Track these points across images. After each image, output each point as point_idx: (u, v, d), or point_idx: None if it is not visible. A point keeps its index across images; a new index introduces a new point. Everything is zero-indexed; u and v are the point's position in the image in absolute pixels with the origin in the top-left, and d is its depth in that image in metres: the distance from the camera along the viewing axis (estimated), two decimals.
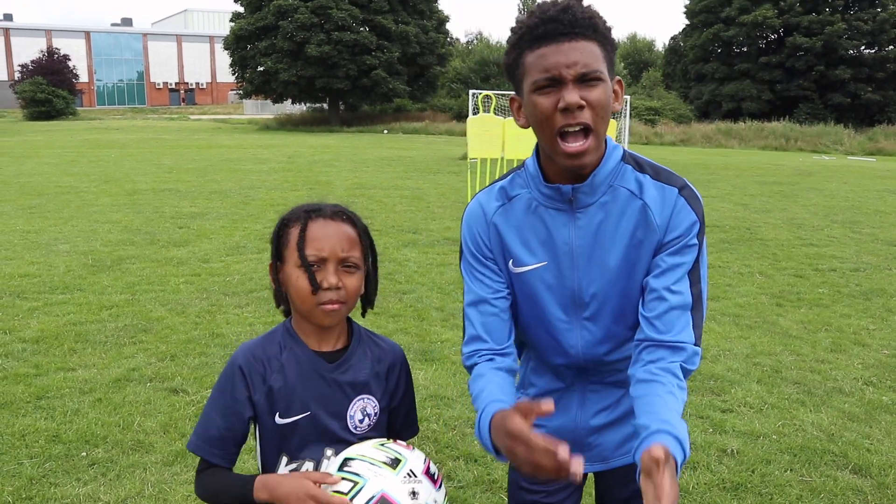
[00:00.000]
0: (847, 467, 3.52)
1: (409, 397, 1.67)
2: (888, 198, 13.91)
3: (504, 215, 1.57)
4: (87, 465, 3.37)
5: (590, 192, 1.48)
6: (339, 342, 1.57)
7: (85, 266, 7.20)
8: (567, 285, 1.54)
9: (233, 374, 1.50)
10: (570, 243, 1.52)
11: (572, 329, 1.58)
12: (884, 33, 41.99)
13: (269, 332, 1.59)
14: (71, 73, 56.27)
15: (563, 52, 1.35)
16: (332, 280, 1.45)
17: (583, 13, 1.37)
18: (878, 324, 5.90)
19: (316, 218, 1.49)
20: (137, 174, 15.30)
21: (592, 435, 1.67)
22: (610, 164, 1.49)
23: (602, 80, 1.38)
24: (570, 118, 1.37)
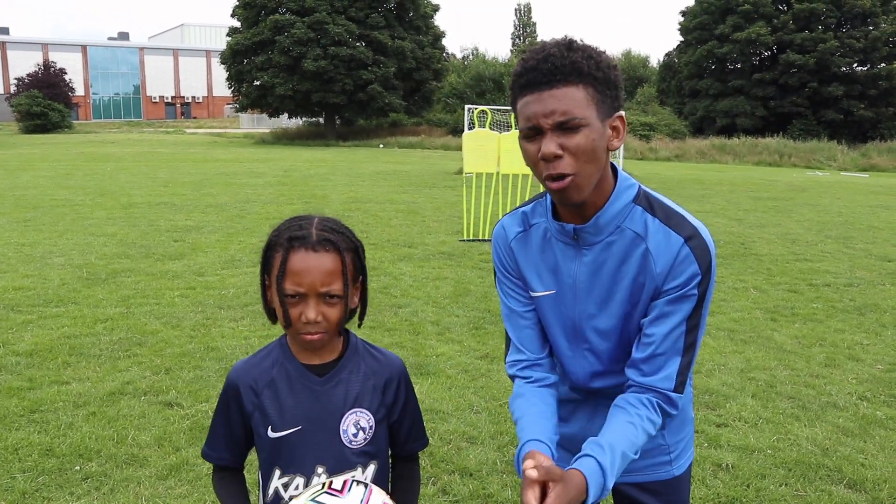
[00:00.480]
0: (842, 482, 3.52)
1: (411, 410, 1.66)
2: (881, 213, 14.00)
3: (522, 242, 1.65)
4: (81, 479, 3.35)
5: (594, 233, 1.52)
6: (331, 355, 1.57)
7: (80, 279, 7.19)
8: (569, 315, 1.61)
9: (227, 392, 1.57)
10: (574, 277, 1.57)
11: (574, 357, 1.66)
12: (876, 51, 42.39)
13: (266, 346, 1.61)
14: (67, 87, 56.31)
15: (542, 101, 1.38)
16: (310, 315, 1.44)
17: (563, 60, 1.37)
18: (871, 339, 5.92)
19: (298, 248, 1.45)
20: (133, 187, 15.31)
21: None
22: (617, 205, 1.51)
23: (584, 126, 1.38)
24: (549, 168, 1.40)
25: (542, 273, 1.62)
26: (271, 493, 1.54)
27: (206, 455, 1.61)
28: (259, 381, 1.54)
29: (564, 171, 1.40)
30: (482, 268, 8.11)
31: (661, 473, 1.71)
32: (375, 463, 1.58)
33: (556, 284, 1.61)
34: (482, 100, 43.67)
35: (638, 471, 1.70)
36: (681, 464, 1.73)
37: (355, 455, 1.54)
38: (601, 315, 1.57)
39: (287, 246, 1.45)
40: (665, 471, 1.71)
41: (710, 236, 1.53)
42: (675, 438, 1.72)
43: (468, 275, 7.75)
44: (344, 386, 1.54)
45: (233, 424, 1.57)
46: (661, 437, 1.69)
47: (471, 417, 4.12)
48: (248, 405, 1.54)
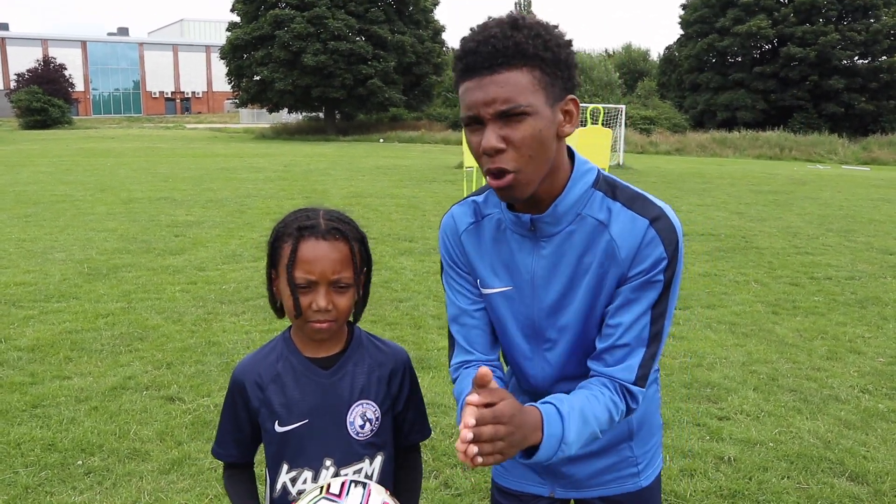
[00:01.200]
0: (844, 474, 3.52)
1: (415, 400, 1.67)
2: (882, 207, 13.98)
3: (473, 234, 1.52)
4: (83, 474, 3.36)
5: (552, 223, 1.40)
6: (335, 348, 1.57)
7: (81, 274, 7.19)
8: (527, 314, 1.49)
9: (233, 389, 1.57)
10: (532, 272, 1.45)
11: (533, 360, 1.54)
12: (877, 44, 42.30)
13: (270, 342, 1.61)
14: (67, 83, 56.27)
15: (482, 87, 1.24)
16: (321, 303, 1.44)
17: (506, 41, 1.22)
18: (873, 332, 5.92)
19: (308, 237, 1.45)
20: (133, 183, 15.30)
21: (565, 465, 1.62)
22: (576, 191, 1.39)
23: (528, 114, 1.24)
24: (490, 162, 1.27)
25: (496, 268, 1.49)
26: (279, 489, 1.54)
27: (216, 453, 1.61)
28: (264, 377, 1.54)
29: (506, 167, 1.27)
30: None
31: (628, 486, 1.63)
32: (382, 454, 1.58)
33: (511, 280, 1.48)
34: None
35: (605, 484, 1.62)
36: (648, 474, 1.65)
37: (362, 447, 1.54)
38: (562, 312, 1.45)
39: (297, 235, 1.45)
40: (633, 483, 1.63)
41: (677, 218, 1.41)
42: (643, 449, 1.63)
43: None
44: (350, 378, 1.54)
45: (240, 421, 1.57)
46: (629, 448, 1.60)
47: None
48: (254, 401, 1.54)
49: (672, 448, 3.74)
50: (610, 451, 1.60)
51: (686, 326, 5.92)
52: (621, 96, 48.67)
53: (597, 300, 1.42)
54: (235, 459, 1.61)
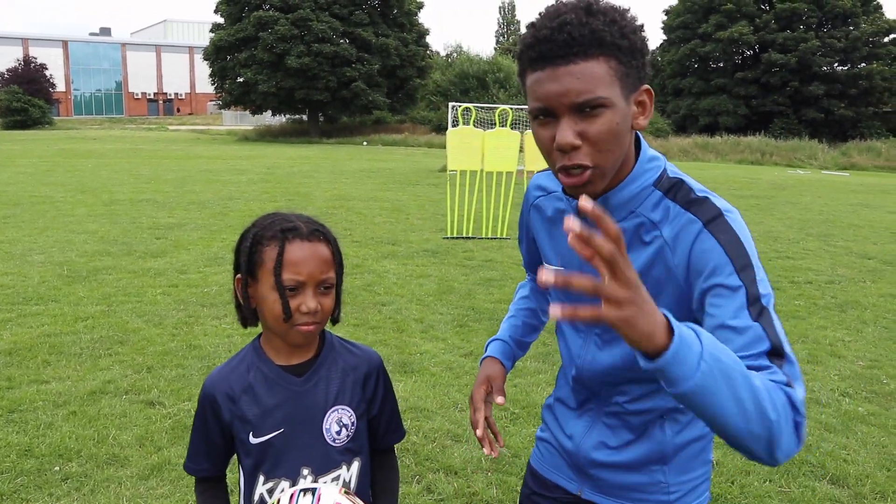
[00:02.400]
0: (825, 478, 3.55)
1: (389, 402, 1.65)
2: (861, 212, 14.15)
3: (540, 208, 1.54)
4: (61, 480, 3.30)
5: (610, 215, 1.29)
6: (308, 354, 1.54)
7: (60, 277, 7.10)
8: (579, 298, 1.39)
9: (203, 403, 1.53)
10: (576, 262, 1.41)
11: (580, 338, 1.50)
12: (856, 51, 42.89)
13: (238, 353, 1.58)
14: (48, 83, 55.72)
15: (556, 78, 1.17)
16: (311, 305, 1.43)
17: (581, 29, 1.15)
18: (853, 335, 5.98)
19: (293, 239, 1.44)
20: (114, 184, 15.15)
21: (593, 468, 1.56)
22: (633, 187, 1.31)
23: (606, 107, 1.18)
24: (565, 159, 1.21)
25: (553, 246, 1.49)
26: (256, 500, 1.51)
27: (188, 468, 1.58)
28: (235, 388, 1.50)
29: (583, 163, 1.20)
30: (466, 265, 8.10)
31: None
32: (359, 459, 1.57)
33: (565, 259, 1.45)
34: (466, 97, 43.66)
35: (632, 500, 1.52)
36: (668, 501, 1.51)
37: (339, 453, 1.52)
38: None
39: (282, 237, 1.43)
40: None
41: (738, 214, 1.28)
42: (679, 479, 1.49)
43: (452, 272, 7.74)
44: (324, 384, 1.52)
45: (212, 435, 1.53)
46: (661, 473, 1.49)
47: (455, 415, 4.10)
48: (225, 414, 1.50)
49: None
50: (640, 468, 1.50)
51: None
52: None
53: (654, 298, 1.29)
54: (208, 473, 1.58)
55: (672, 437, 1.47)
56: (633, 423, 1.50)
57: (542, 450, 1.69)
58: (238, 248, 1.50)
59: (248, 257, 1.46)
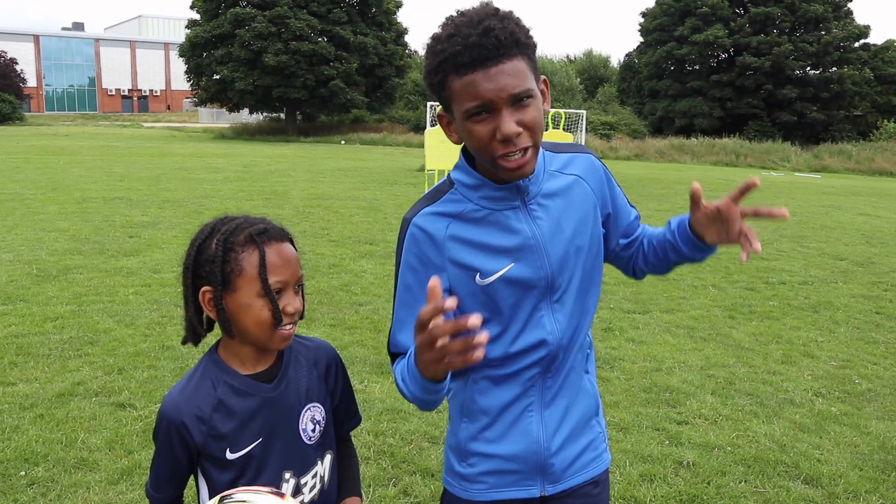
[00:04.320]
0: (799, 478, 3.57)
1: (347, 390, 1.66)
2: (833, 213, 14.35)
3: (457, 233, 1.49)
4: (26, 486, 3.22)
5: (536, 182, 1.52)
6: (271, 359, 1.51)
7: (29, 276, 6.95)
8: (540, 276, 1.51)
9: (168, 429, 1.43)
10: (535, 235, 1.50)
11: (544, 315, 1.53)
12: (828, 55, 43.58)
13: (193, 371, 1.49)
14: (18, 78, 54.72)
15: (491, 77, 1.31)
16: (297, 305, 1.43)
17: (504, 32, 1.31)
18: (825, 335, 6.04)
19: (269, 242, 1.41)
20: (87, 182, 14.89)
21: (553, 456, 1.59)
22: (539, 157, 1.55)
23: (532, 97, 1.36)
24: (509, 147, 1.35)
25: (494, 252, 1.48)
26: None
27: (152, 497, 1.51)
28: (204, 408, 1.43)
29: (525, 145, 1.37)
30: None
31: (604, 463, 1.68)
32: (330, 452, 1.58)
33: (512, 257, 1.49)
34: None
35: (586, 466, 1.63)
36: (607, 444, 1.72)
37: (314, 450, 1.53)
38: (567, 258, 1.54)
39: (259, 241, 1.40)
40: (605, 459, 1.69)
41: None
42: (604, 421, 1.72)
43: None
44: (294, 384, 1.51)
45: (179, 461, 1.46)
46: (598, 423, 1.67)
47: (432, 417, 4.07)
48: (196, 437, 1.42)
49: (632, 453, 3.75)
50: (585, 428, 1.63)
51: (645, 331, 5.97)
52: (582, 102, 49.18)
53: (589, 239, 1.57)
54: (171, 499, 1.52)
55: (593, 388, 1.68)
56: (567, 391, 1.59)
57: (484, 480, 1.61)
58: (199, 259, 1.42)
59: (221, 267, 1.39)
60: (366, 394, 4.37)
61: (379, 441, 3.78)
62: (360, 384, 4.52)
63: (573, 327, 1.58)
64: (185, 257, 1.46)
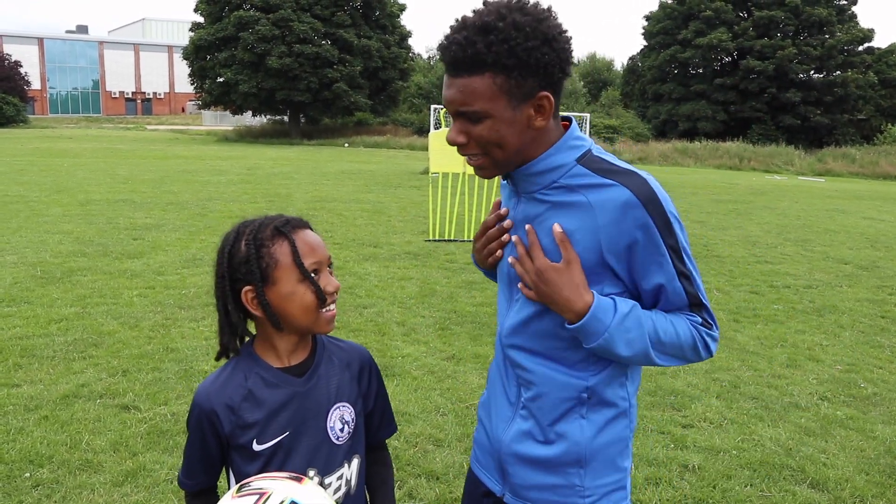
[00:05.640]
0: (805, 482, 3.56)
1: (383, 396, 1.67)
2: (837, 217, 14.32)
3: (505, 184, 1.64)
4: (31, 487, 3.22)
5: (525, 180, 1.46)
6: (303, 354, 1.53)
7: (33, 278, 6.96)
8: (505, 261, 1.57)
9: (200, 417, 1.47)
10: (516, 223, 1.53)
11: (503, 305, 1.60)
12: (832, 59, 43.50)
13: (227, 363, 1.53)
14: (22, 80, 54.85)
15: (449, 86, 1.35)
16: (335, 282, 1.48)
17: (465, 50, 1.28)
18: (830, 339, 6.02)
19: (294, 230, 1.46)
20: (91, 184, 14.92)
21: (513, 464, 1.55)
22: (552, 160, 1.42)
23: (486, 117, 1.32)
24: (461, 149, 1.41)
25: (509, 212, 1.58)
26: None
27: (185, 485, 1.54)
28: (235, 398, 1.47)
29: (474, 153, 1.40)
30: (448, 268, 8.07)
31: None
32: (358, 457, 1.58)
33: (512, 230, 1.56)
34: None
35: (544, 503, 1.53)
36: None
37: (342, 452, 1.53)
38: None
39: (286, 231, 1.45)
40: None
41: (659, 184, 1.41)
42: (594, 482, 1.51)
43: (434, 275, 7.70)
44: (325, 381, 1.52)
45: (210, 449, 1.49)
46: (577, 476, 1.50)
47: (437, 419, 4.06)
48: (226, 426, 1.46)
49: (637, 456, 3.74)
50: (557, 468, 1.51)
51: None
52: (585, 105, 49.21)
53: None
54: (204, 486, 1.55)
55: (591, 439, 1.50)
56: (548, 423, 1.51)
57: (476, 451, 1.71)
58: (233, 263, 1.44)
59: (257, 264, 1.42)
60: None
61: None
62: None
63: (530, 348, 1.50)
64: (216, 267, 1.47)
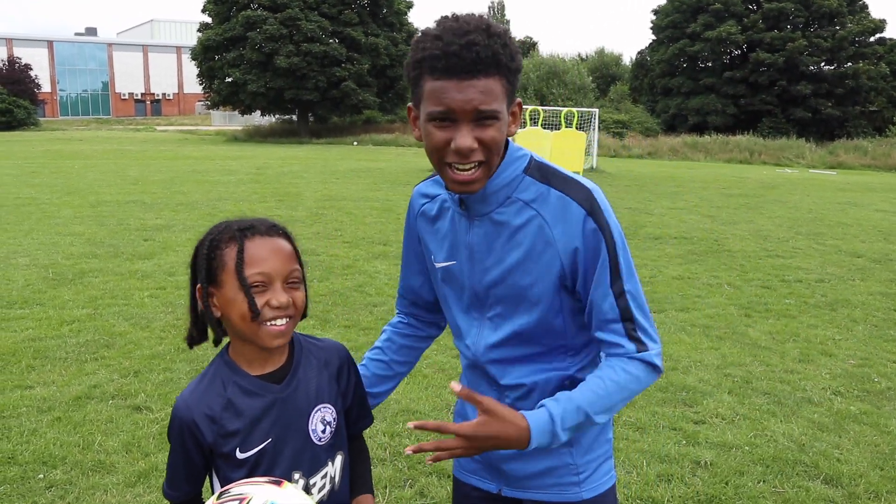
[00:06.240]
0: (819, 478, 3.53)
1: (360, 390, 1.65)
2: (849, 210, 14.21)
3: (427, 211, 1.65)
4: (45, 488, 3.24)
5: (482, 202, 1.49)
6: (281, 359, 1.51)
7: (45, 280, 7.00)
8: (469, 285, 1.58)
9: (180, 428, 1.45)
10: (469, 247, 1.54)
11: (471, 325, 1.61)
12: (842, 50, 43.14)
13: (205, 371, 1.51)
14: (33, 83, 55.22)
15: (462, 89, 1.32)
16: (282, 298, 1.40)
17: (486, 49, 1.31)
18: (843, 334, 5.98)
19: (252, 236, 1.41)
20: (101, 185, 15.01)
21: (504, 462, 1.62)
22: (505, 175, 1.47)
23: (497, 119, 1.36)
24: (461, 159, 1.37)
25: (441, 243, 1.61)
26: None
27: (169, 496, 1.52)
28: (215, 407, 1.45)
29: (478, 160, 1.38)
30: None
31: (568, 495, 1.60)
32: (341, 453, 1.58)
33: (453, 255, 1.58)
34: None
35: (544, 488, 1.61)
36: (593, 487, 1.61)
37: (324, 451, 1.53)
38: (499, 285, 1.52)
39: (239, 237, 1.41)
40: (573, 493, 1.60)
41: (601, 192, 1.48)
42: (585, 458, 1.61)
43: None
44: (304, 385, 1.50)
45: (192, 459, 1.47)
46: (569, 455, 1.59)
47: (448, 417, 4.06)
48: (207, 436, 1.44)
49: (649, 453, 3.72)
50: (549, 453, 1.58)
51: (661, 330, 5.93)
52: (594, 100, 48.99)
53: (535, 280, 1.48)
54: (187, 497, 1.53)
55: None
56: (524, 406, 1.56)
57: (457, 460, 1.74)
58: (195, 258, 1.46)
59: (206, 263, 1.42)
60: None
61: (395, 442, 3.77)
62: None
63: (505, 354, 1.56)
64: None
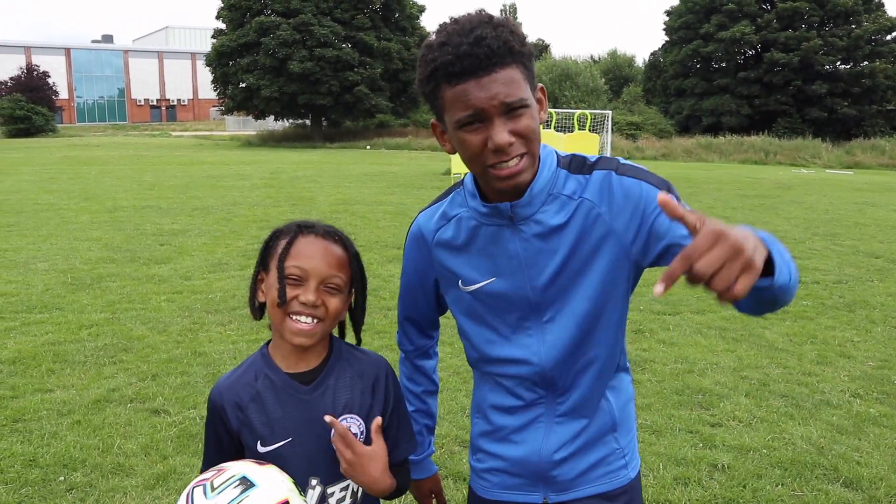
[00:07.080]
0: (838, 481, 3.50)
1: (400, 409, 1.61)
2: (867, 210, 14.07)
3: (445, 239, 1.57)
4: (65, 490, 3.27)
5: (528, 205, 1.45)
6: (315, 361, 1.52)
7: (64, 284, 7.08)
8: (521, 294, 1.52)
9: (212, 412, 1.52)
10: (518, 256, 1.49)
11: (533, 334, 1.54)
12: (858, 49, 42.74)
13: (246, 360, 1.57)
14: (51, 90, 55.85)
15: (483, 86, 1.30)
16: (310, 297, 1.42)
17: (496, 41, 1.28)
18: (862, 335, 5.92)
19: (307, 233, 1.47)
20: (118, 191, 15.15)
21: (556, 468, 1.61)
22: (546, 173, 1.45)
23: (527, 106, 1.33)
24: (501, 156, 1.34)
25: (476, 263, 1.54)
26: None
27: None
28: (243, 397, 1.49)
29: (520, 152, 1.35)
30: None
31: (620, 479, 1.62)
32: None
33: (495, 271, 1.52)
34: None
35: (597, 480, 1.61)
36: (634, 464, 1.66)
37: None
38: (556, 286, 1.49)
39: (295, 231, 1.47)
40: (623, 475, 1.63)
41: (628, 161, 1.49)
42: (626, 439, 1.65)
43: None
44: (332, 392, 1.50)
45: (223, 443, 1.52)
46: (615, 440, 1.61)
47: (463, 421, 4.07)
48: (233, 423, 1.49)
49: (665, 456, 3.71)
50: (598, 444, 1.59)
51: (676, 332, 5.91)
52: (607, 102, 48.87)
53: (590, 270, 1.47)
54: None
55: (615, 403, 1.61)
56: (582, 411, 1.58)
57: (488, 478, 1.68)
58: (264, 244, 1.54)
59: (264, 249, 1.50)
60: None
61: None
62: None
63: (569, 352, 1.53)
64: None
